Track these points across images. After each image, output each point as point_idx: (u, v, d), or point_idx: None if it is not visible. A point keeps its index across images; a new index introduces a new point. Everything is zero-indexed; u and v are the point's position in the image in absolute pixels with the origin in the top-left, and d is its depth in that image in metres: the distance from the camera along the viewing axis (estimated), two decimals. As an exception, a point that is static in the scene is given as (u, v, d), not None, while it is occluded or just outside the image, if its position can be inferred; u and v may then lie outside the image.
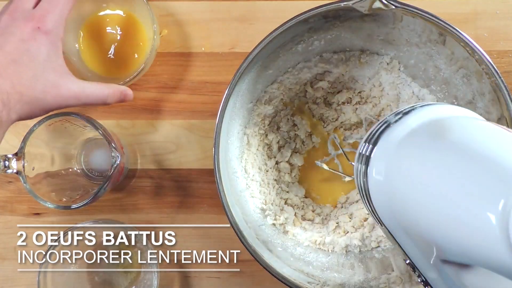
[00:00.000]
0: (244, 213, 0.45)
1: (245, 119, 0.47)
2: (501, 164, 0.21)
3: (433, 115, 0.26)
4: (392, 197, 0.25)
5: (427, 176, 0.23)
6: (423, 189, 0.23)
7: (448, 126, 0.24)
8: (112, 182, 0.44)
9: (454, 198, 0.22)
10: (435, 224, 0.23)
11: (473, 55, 0.39)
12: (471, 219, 0.21)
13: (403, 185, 0.25)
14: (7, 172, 0.42)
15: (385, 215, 0.26)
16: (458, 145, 0.23)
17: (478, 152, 0.22)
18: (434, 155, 0.23)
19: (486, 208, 0.21)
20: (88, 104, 0.40)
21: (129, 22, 0.50)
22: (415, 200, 0.24)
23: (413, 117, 0.26)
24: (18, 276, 0.50)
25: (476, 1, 0.51)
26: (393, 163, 0.25)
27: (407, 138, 0.25)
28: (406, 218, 0.24)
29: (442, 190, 0.22)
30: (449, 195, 0.22)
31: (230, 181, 0.45)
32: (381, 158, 0.26)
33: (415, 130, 0.25)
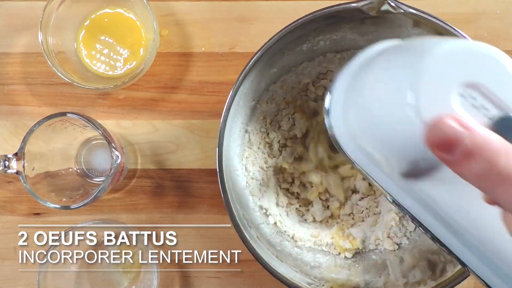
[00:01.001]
0: (244, 212, 0.45)
1: (247, 117, 0.47)
2: (411, 51, 0.23)
3: (370, 52, 0.28)
4: (352, 132, 0.26)
5: (367, 94, 0.25)
6: (366, 106, 0.25)
7: (381, 50, 0.27)
8: (112, 182, 0.44)
9: (384, 99, 0.24)
10: (380, 134, 0.24)
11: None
12: (397, 112, 0.23)
13: (354, 114, 0.26)
14: (7, 172, 0.42)
15: (355, 154, 0.27)
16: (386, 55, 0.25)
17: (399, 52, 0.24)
18: (368, 74, 0.25)
19: (403, 95, 0.22)
20: None
21: (129, 22, 0.50)
22: (364, 120, 0.25)
23: (354, 59, 0.28)
24: (19, 276, 0.50)
25: (476, 1, 0.51)
26: (344, 101, 0.27)
27: (348, 75, 0.27)
28: (366, 144, 0.25)
29: (377, 97, 0.24)
30: (381, 98, 0.24)
31: (231, 179, 0.45)
32: (336, 103, 0.27)
33: (354, 66, 0.27)
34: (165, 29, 0.51)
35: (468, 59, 0.22)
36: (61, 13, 0.47)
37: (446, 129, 0.21)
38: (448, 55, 0.22)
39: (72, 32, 0.49)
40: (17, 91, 0.51)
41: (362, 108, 0.25)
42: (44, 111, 0.50)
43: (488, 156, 0.20)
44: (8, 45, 0.51)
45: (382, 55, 0.25)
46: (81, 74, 0.49)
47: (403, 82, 0.22)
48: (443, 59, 0.22)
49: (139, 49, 0.49)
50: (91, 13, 0.49)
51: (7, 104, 0.51)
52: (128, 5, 0.49)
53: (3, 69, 0.51)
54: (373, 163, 0.26)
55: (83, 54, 0.50)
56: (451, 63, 0.22)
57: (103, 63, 0.50)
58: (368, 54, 0.27)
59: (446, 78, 0.22)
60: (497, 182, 0.20)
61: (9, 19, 0.51)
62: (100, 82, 0.49)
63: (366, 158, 0.26)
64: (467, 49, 0.22)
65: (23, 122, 0.51)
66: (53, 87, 0.51)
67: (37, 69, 0.51)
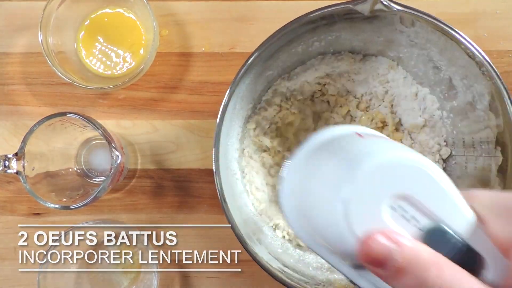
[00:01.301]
0: (243, 215, 0.45)
1: (245, 120, 0.47)
2: (347, 156, 0.24)
3: (328, 135, 0.28)
4: (298, 213, 0.27)
5: (309, 184, 0.25)
6: (309, 197, 0.25)
7: (334, 139, 0.27)
8: (112, 182, 0.44)
9: (320, 203, 0.24)
10: (321, 232, 0.25)
11: (473, 57, 0.39)
12: (330, 211, 0.23)
13: (300, 198, 0.26)
14: (7, 172, 0.42)
15: (302, 235, 0.27)
16: (332, 152, 0.26)
17: (341, 153, 0.25)
18: (319, 164, 0.26)
19: (335, 197, 0.23)
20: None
21: (129, 22, 0.50)
22: (308, 209, 0.26)
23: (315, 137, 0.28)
24: (19, 276, 0.50)
25: (476, 1, 0.51)
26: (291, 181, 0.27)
27: (301, 156, 0.27)
28: (312, 234, 0.26)
29: (316, 198, 0.25)
30: (319, 201, 0.24)
31: (230, 183, 0.45)
32: (286, 181, 0.28)
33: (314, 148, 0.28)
34: (165, 29, 0.51)
35: (397, 172, 0.22)
36: (61, 13, 0.47)
37: (376, 246, 0.21)
38: (379, 169, 0.22)
39: (72, 32, 0.49)
40: (17, 91, 0.51)
41: (306, 210, 0.25)
42: (44, 111, 0.50)
43: (418, 271, 0.21)
44: (8, 45, 0.51)
45: (326, 154, 0.26)
46: (81, 74, 0.49)
47: (335, 194, 0.23)
48: (373, 172, 0.22)
49: (139, 49, 0.49)
50: (91, 13, 0.49)
51: (7, 104, 0.51)
52: (128, 5, 0.49)
53: (3, 69, 0.51)
54: (322, 249, 0.26)
55: (83, 54, 0.50)
56: (382, 177, 0.22)
57: (103, 63, 0.50)
58: (327, 136, 0.27)
59: (377, 191, 0.22)
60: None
61: (9, 19, 0.51)
62: (100, 82, 0.49)
63: (314, 243, 0.26)
64: (396, 161, 0.23)
65: (23, 122, 0.51)
66: (53, 87, 0.51)
67: (37, 69, 0.51)
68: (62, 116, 0.43)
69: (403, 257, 0.21)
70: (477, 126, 0.43)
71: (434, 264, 0.21)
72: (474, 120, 0.43)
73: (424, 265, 0.21)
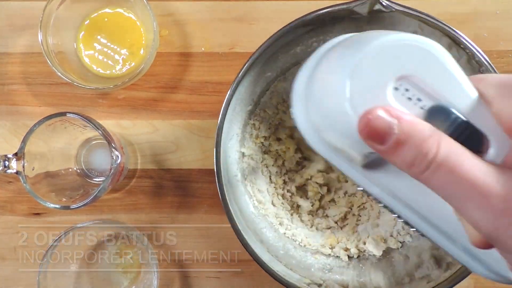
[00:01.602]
0: (243, 215, 0.45)
1: (244, 122, 0.47)
2: (353, 42, 0.24)
3: (329, 44, 0.28)
4: (311, 124, 0.27)
5: (317, 86, 0.25)
6: (317, 99, 0.25)
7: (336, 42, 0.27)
8: (112, 182, 0.44)
9: (328, 93, 0.24)
10: (331, 127, 0.25)
11: (473, 57, 0.39)
12: (338, 106, 0.23)
13: (310, 106, 0.26)
14: (7, 172, 0.42)
15: (318, 146, 0.27)
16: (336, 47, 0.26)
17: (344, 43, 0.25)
18: (320, 67, 0.26)
19: (340, 77, 0.23)
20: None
21: (129, 22, 0.50)
22: (317, 114, 0.26)
23: (316, 52, 0.28)
24: (19, 276, 0.50)
25: (476, 1, 0.51)
26: (303, 93, 0.27)
27: (308, 66, 0.28)
28: (324, 137, 0.26)
29: (324, 90, 0.25)
30: (327, 92, 0.24)
31: (230, 185, 0.45)
32: (297, 95, 0.28)
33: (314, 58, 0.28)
34: (165, 29, 0.51)
35: (402, 53, 0.23)
36: (61, 13, 0.47)
37: (376, 120, 0.21)
38: (382, 49, 0.23)
39: (72, 32, 0.49)
40: (17, 91, 0.51)
41: (314, 101, 0.26)
42: (44, 111, 0.50)
43: (416, 144, 0.21)
44: (8, 45, 0.51)
45: (333, 47, 0.26)
46: (81, 74, 0.49)
47: (341, 75, 0.23)
48: (377, 53, 0.23)
49: (139, 49, 0.49)
50: (91, 13, 0.49)
51: (7, 104, 0.51)
52: (128, 5, 0.49)
53: (3, 69, 0.51)
54: (336, 155, 0.26)
55: (83, 54, 0.50)
56: (385, 57, 0.23)
57: (103, 63, 0.50)
58: (327, 46, 0.28)
59: (380, 72, 0.23)
60: (423, 167, 0.21)
61: (9, 19, 0.51)
62: (100, 82, 0.49)
63: (328, 150, 0.26)
64: (401, 42, 0.23)
65: (23, 122, 0.51)
66: (53, 87, 0.51)
67: (37, 69, 0.51)
68: (62, 116, 0.43)
69: (402, 129, 0.21)
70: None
71: (433, 137, 0.21)
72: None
73: (422, 137, 0.21)
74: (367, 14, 0.39)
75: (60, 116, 0.43)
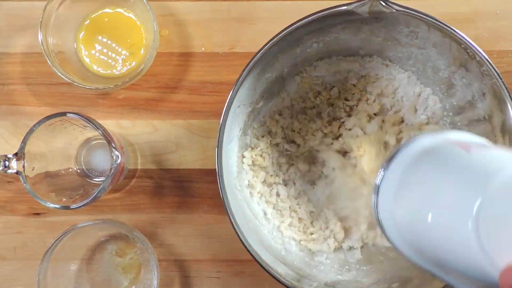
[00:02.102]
0: (244, 216, 0.45)
1: (245, 124, 0.47)
2: (472, 175, 0.22)
3: (426, 145, 0.27)
4: (401, 226, 0.25)
5: (424, 197, 0.24)
6: (422, 211, 0.24)
7: (436, 152, 0.25)
8: (112, 182, 0.44)
9: (442, 213, 0.22)
10: (437, 246, 0.23)
11: (474, 57, 0.39)
12: (456, 230, 0.21)
13: (405, 210, 0.25)
14: (7, 172, 0.42)
15: (402, 248, 0.26)
16: (443, 166, 0.24)
17: (456, 170, 0.23)
18: (427, 179, 0.24)
19: (463, 215, 0.21)
20: None
21: (129, 22, 0.50)
22: (417, 224, 0.24)
23: (411, 143, 0.27)
24: (18, 276, 0.50)
25: (476, 1, 0.51)
26: (396, 191, 0.26)
27: (404, 162, 0.26)
28: (418, 247, 0.25)
29: (434, 209, 0.23)
30: (439, 211, 0.23)
31: (231, 186, 0.45)
32: (387, 187, 0.26)
33: (415, 158, 0.26)
34: (165, 29, 0.51)
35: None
36: (61, 13, 0.47)
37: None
38: (508, 186, 0.20)
39: (72, 32, 0.49)
40: (17, 91, 0.51)
41: (415, 210, 0.24)
42: (44, 111, 0.50)
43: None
44: (8, 45, 0.51)
45: (437, 157, 0.24)
46: (81, 74, 0.49)
47: (462, 212, 0.21)
48: (504, 187, 0.20)
49: (139, 49, 0.49)
50: (91, 13, 0.50)
51: (7, 104, 0.51)
52: (128, 5, 0.49)
53: (3, 69, 0.51)
54: (439, 271, 0.25)
55: (83, 54, 0.50)
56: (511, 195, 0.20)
57: (103, 63, 0.50)
58: (424, 144, 0.26)
59: (510, 208, 0.20)
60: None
61: (9, 19, 0.51)
62: (100, 82, 0.49)
63: (418, 257, 0.25)
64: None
65: (23, 122, 0.51)
66: (53, 87, 0.51)
67: (37, 69, 0.51)
68: (62, 116, 0.43)
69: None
70: (476, 124, 0.43)
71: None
72: (474, 119, 0.43)
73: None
74: (367, 14, 0.39)
75: (60, 116, 0.43)
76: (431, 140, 0.27)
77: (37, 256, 0.48)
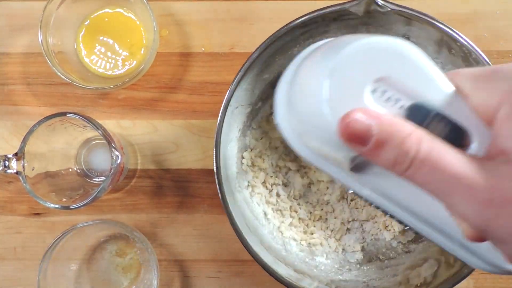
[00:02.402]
0: (244, 217, 0.45)
1: (243, 124, 0.47)
2: (330, 46, 0.25)
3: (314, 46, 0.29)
4: (294, 129, 0.27)
5: (298, 90, 0.26)
6: (297, 104, 0.26)
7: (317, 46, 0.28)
8: (112, 182, 0.44)
9: (308, 97, 0.25)
10: (313, 133, 0.25)
11: (470, 55, 0.39)
12: (318, 110, 0.23)
13: (291, 111, 0.26)
14: (7, 172, 0.42)
15: (302, 151, 0.27)
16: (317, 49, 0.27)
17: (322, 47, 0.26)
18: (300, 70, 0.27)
19: (318, 82, 0.23)
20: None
21: (129, 22, 0.50)
22: (298, 118, 0.26)
23: (298, 56, 0.29)
24: (18, 276, 0.50)
25: (476, 1, 0.51)
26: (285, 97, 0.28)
27: (290, 70, 0.28)
28: (308, 142, 0.26)
29: (304, 95, 0.25)
30: (306, 96, 0.25)
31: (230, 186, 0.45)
32: (279, 99, 0.28)
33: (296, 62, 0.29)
34: (165, 29, 0.51)
35: (376, 55, 0.23)
36: (61, 13, 0.47)
37: (355, 122, 0.22)
38: (358, 52, 0.23)
39: (72, 32, 0.49)
40: (17, 91, 0.51)
41: (295, 105, 0.26)
42: (44, 111, 0.50)
43: (397, 142, 0.21)
44: (8, 45, 0.51)
45: (311, 53, 0.27)
46: (81, 74, 0.49)
47: (318, 78, 0.23)
48: (352, 56, 0.23)
49: (139, 49, 0.50)
50: (91, 13, 0.50)
51: (7, 104, 0.51)
52: (128, 5, 0.49)
53: (3, 69, 0.51)
54: (323, 160, 0.27)
55: (83, 54, 0.50)
56: (361, 60, 0.23)
57: (103, 63, 0.50)
58: (306, 52, 0.28)
59: (357, 75, 0.23)
60: (406, 166, 0.21)
61: (9, 19, 0.51)
62: (100, 82, 0.49)
63: (314, 156, 0.27)
64: (374, 45, 0.23)
65: (23, 122, 0.51)
66: (53, 87, 0.51)
67: (37, 69, 0.51)
68: (62, 116, 0.43)
69: (382, 129, 0.21)
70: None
71: (413, 135, 0.21)
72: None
73: (403, 136, 0.21)
74: (362, 14, 0.39)
75: (60, 116, 0.43)
76: (317, 43, 0.29)
77: (37, 256, 0.48)
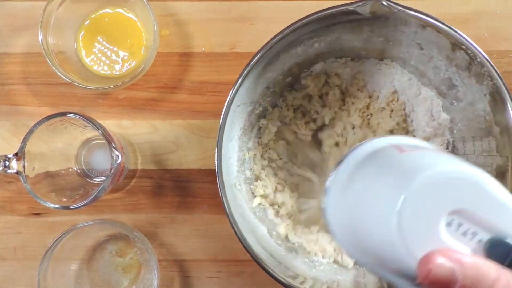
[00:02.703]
0: (244, 216, 0.45)
1: (245, 123, 0.47)
2: (397, 172, 0.24)
3: (370, 148, 0.28)
4: (343, 224, 0.27)
5: (360, 196, 0.26)
6: (359, 208, 0.25)
7: (375, 154, 0.27)
8: (112, 182, 0.44)
9: (373, 208, 0.24)
10: (372, 240, 0.24)
11: (474, 58, 0.39)
12: (384, 224, 0.23)
13: (348, 209, 0.26)
14: (7, 172, 0.42)
15: (348, 249, 0.27)
16: (378, 166, 0.26)
17: (387, 169, 0.25)
18: (365, 178, 0.26)
19: (390, 210, 0.22)
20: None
21: (129, 22, 0.50)
22: (358, 225, 0.25)
23: (357, 149, 0.29)
24: (18, 276, 0.50)
25: (476, 1, 0.51)
26: (340, 194, 0.28)
27: (348, 167, 0.28)
28: (366, 248, 0.26)
29: (366, 205, 0.25)
30: (370, 207, 0.24)
31: (230, 186, 0.45)
32: (334, 191, 0.28)
33: (359, 160, 0.28)
34: (165, 29, 0.51)
35: (450, 186, 0.22)
36: (61, 13, 0.47)
37: (437, 268, 0.21)
38: (431, 184, 0.22)
39: (72, 32, 0.49)
40: (17, 91, 0.51)
41: (357, 227, 0.25)
42: (44, 111, 0.50)
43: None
44: (8, 45, 0.51)
45: (375, 158, 0.26)
46: (81, 74, 0.49)
47: (390, 211, 0.22)
48: (425, 188, 0.22)
49: (139, 49, 0.50)
50: (91, 13, 0.50)
51: (7, 104, 0.51)
52: (128, 5, 0.49)
53: (3, 69, 0.51)
54: (372, 266, 0.26)
55: (83, 54, 0.50)
56: (434, 192, 0.22)
57: (103, 63, 0.50)
58: (369, 148, 0.28)
59: (431, 208, 0.22)
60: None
61: (9, 19, 0.51)
62: (100, 82, 0.49)
63: (364, 259, 0.26)
64: (448, 175, 0.22)
65: (23, 122, 0.51)
66: (53, 87, 0.51)
67: (37, 69, 0.51)
68: (62, 116, 0.43)
69: (466, 275, 0.20)
70: (477, 125, 0.43)
71: (500, 279, 0.20)
72: (474, 119, 0.43)
73: (490, 282, 0.20)
74: (368, 14, 0.39)
75: (60, 116, 0.43)
76: (375, 143, 0.28)
77: (37, 256, 0.48)
